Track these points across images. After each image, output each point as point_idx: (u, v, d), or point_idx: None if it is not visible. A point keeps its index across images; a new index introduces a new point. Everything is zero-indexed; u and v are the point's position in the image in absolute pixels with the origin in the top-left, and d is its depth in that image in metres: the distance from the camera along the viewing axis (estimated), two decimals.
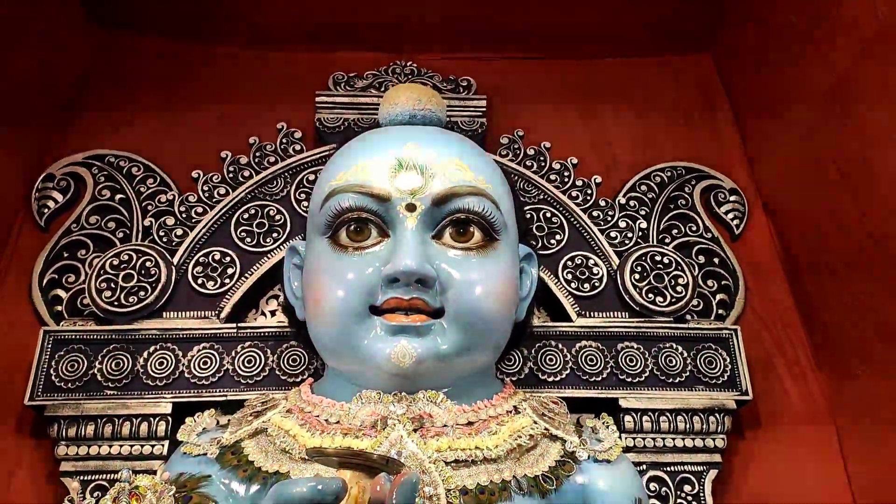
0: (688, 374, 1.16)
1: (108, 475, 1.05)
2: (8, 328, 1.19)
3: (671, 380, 1.15)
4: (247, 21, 1.50)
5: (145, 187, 1.28)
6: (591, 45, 1.55)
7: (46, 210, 1.27)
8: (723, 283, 1.29)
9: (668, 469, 1.11)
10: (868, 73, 1.09)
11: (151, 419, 1.08)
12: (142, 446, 1.07)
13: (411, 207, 0.87)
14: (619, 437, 0.91)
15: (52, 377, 1.09)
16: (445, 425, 0.84)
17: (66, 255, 1.23)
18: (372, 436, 0.81)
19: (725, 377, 1.16)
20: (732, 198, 1.38)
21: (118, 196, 1.27)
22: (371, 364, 0.84)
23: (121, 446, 1.07)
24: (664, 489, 1.10)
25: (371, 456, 0.66)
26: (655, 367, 1.16)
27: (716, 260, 1.31)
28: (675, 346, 1.18)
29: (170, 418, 1.08)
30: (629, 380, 1.15)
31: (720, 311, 1.27)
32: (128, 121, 1.40)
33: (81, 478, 1.06)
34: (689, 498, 1.10)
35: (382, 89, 1.38)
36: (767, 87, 1.39)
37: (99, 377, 1.10)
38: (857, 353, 1.18)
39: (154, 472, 0.99)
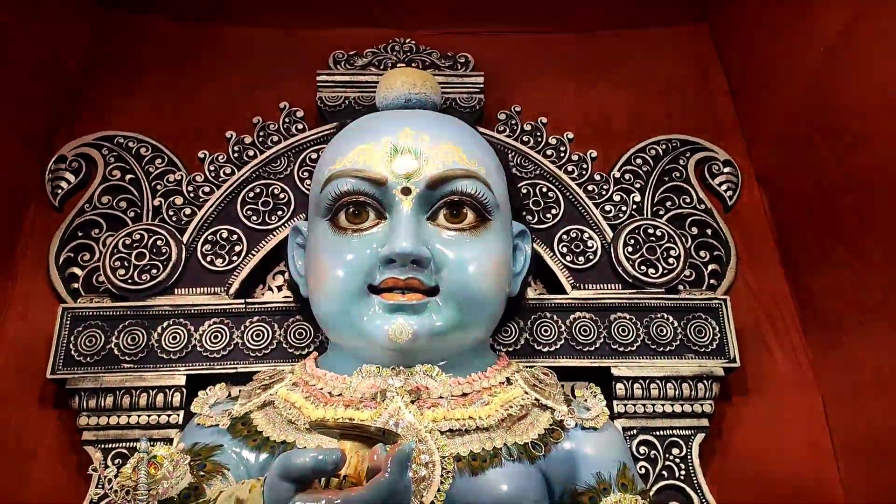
0: (678, 342, 1.20)
1: (128, 443, 1.12)
2: (27, 306, 1.25)
3: (662, 349, 1.20)
4: (248, 0, 1.52)
5: (154, 167, 1.32)
6: (587, 18, 1.56)
7: (60, 191, 1.32)
8: (715, 253, 1.32)
9: (658, 433, 1.17)
10: (858, 45, 1.11)
11: (167, 391, 1.14)
12: (158, 416, 1.13)
13: (406, 191, 0.91)
14: (609, 407, 0.96)
15: (72, 352, 1.15)
16: (441, 397, 0.89)
17: (80, 234, 1.28)
18: (372, 407, 0.87)
19: (714, 345, 1.21)
20: (726, 169, 1.40)
21: (128, 176, 1.31)
22: (370, 340, 0.89)
23: (139, 416, 1.13)
24: (653, 452, 1.16)
25: (369, 428, 0.71)
26: (647, 336, 1.21)
27: (709, 231, 1.34)
28: (666, 316, 1.22)
29: (184, 389, 1.14)
30: (621, 349, 1.20)
31: (712, 282, 1.30)
32: (135, 101, 1.43)
33: (102, 446, 1.12)
34: (678, 461, 1.16)
35: (382, 67, 1.40)
36: (762, 58, 1.41)
37: (116, 351, 1.16)
38: (842, 323, 1.22)
39: (171, 441, 1.07)
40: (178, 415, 1.13)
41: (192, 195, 1.29)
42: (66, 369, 1.14)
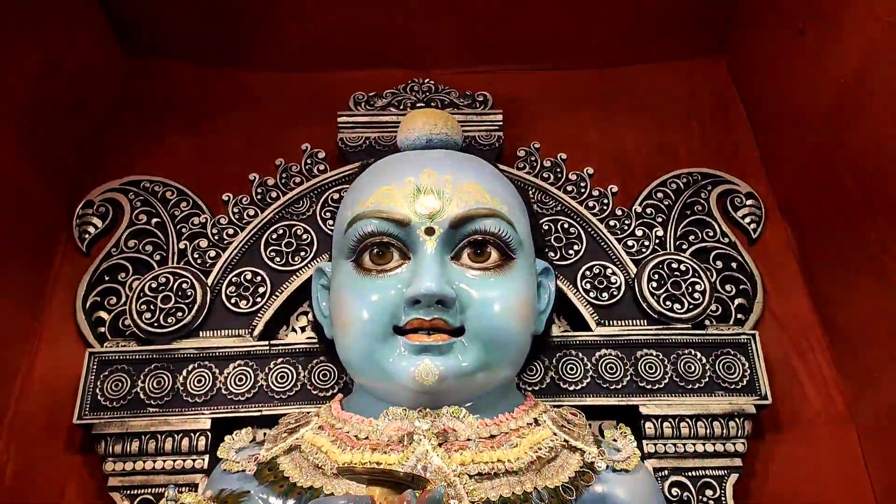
0: (707, 379, 1.18)
1: (153, 489, 1.11)
2: (55, 350, 1.26)
3: (691, 386, 1.18)
4: (269, 45, 1.55)
5: (179, 211, 1.34)
6: (604, 54, 1.57)
7: (87, 235, 1.34)
8: (741, 287, 1.31)
9: (690, 474, 1.14)
10: (879, 77, 1.10)
11: (192, 435, 1.14)
12: (184, 461, 1.13)
13: (430, 231, 0.91)
14: (638, 446, 0.94)
15: (98, 396, 1.16)
16: (469, 439, 0.88)
17: (107, 278, 1.29)
18: (399, 451, 0.86)
19: (745, 382, 1.18)
20: (749, 202, 1.39)
21: (154, 220, 1.33)
22: (396, 382, 0.88)
23: (164, 461, 1.13)
24: (686, 494, 1.13)
25: (398, 473, 0.70)
26: (675, 373, 1.19)
27: (733, 265, 1.32)
28: (693, 352, 1.21)
29: (209, 433, 1.14)
30: (649, 387, 1.18)
31: (739, 316, 1.28)
32: (161, 146, 1.46)
33: (128, 492, 1.12)
34: (711, 502, 1.13)
35: (402, 107, 1.42)
36: (781, 91, 1.41)
37: (142, 395, 1.16)
38: (875, 356, 1.19)
39: (196, 486, 1.07)
40: (204, 459, 1.13)
41: (216, 238, 1.30)
42: (93, 414, 1.15)
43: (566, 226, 1.31)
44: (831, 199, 1.23)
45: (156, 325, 1.20)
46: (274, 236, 1.30)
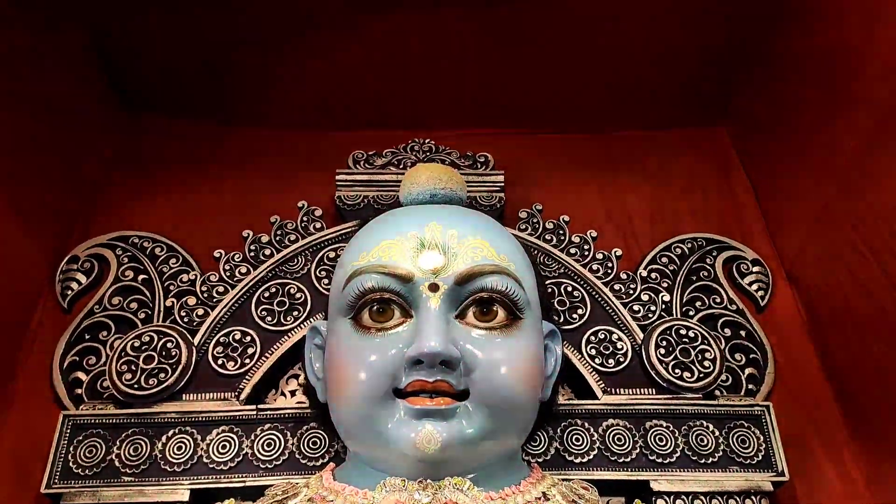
0: (721, 453, 1.12)
1: None
2: (28, 412, 1.18)
3: (703, 460, 1.11)
4: (267, 102, 1.54)
5: (168, 267, 1.29)
6: (605, 119, 1.57)
7: (69, 292, 1.28)
8: (751, 356, 1.26)
9: None
10: (888, 144, 1.09)
11: None
12: None
13: (434, 287, 0.86)
14: None
15: (70, 463, 1.08)
16: None
17: (87, 336, 1.23)
18: None
19: (760, 456, 1.12)
20: (755, 268, 1.36)
21: (141, 276, 1.28)
22: (395, 449, 0.81)
23: None
24: None
25: None
26: (686, 446, 1.12)
27: (742, 333, 1.28)
28: (705, 423, 1.15)
29: None
30: (659, 460, 1.11)
31: (750, 387, 1.23)
32: (152, 201, 1.42)
33: None
34: None
35: (401, 166, 1.40)
36: (783, 158, 1.40)
37: (117, 463, 1.08)
38: (894, 426, 1.13)
39: None
40: None
41: (205, 295, 1.24)
42: (63, 483, 1.06)
43: (570, 289, 1.27)
44: (842, 264, 1.20)
45: (136, 386, 1.13)
46: (266, 294, 1.24)
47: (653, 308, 1.27)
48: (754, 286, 1.35)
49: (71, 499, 1.05)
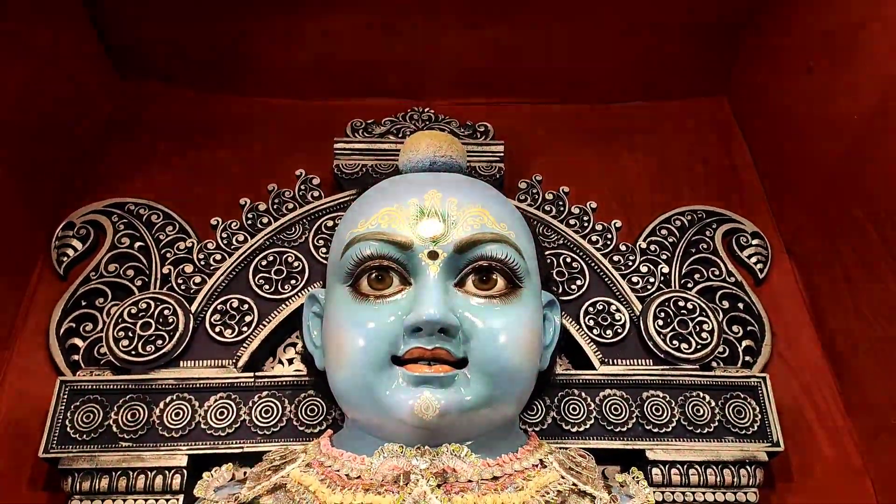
0: (716, 423, 1.12)
1: None
2: (24, 379, 1.18)
3: (699, 430, 1.12)
4: (265, 70, 1.52)
5: (164, 235, 1.28)
6: (606, 90, 1.56)
7: (66, 258, 1.27)
8: (748, 328, 1.26)
9: None
10: (891, 115, 1.08)
11: (166, 472, 1.06)
12: (156, 500, 1.05)
13: (433, 255, 0.86)
14: (650, 493, 0.87)
15: (68, 429, 1.08)
16: (470, 480, 0.81)
17: (84, 303, 1.22)
18: (394, 491, 0.79)
19: (755, 427, 1.12)
20: (755, 241, 1.36)
21: (137, 244, 1.27)
22: (393, 416, 0.81)
23: (135, 500, 1.04)
24: None
25: None
26: (682, 416, 1.13)
27: (740, 305, 1.28)
28: (702, 394, 1.15)
29: (185, 471, 1.06)
30: (655, 430, 1.12)
31: (747, 358, 1.23)
32: (148, 169, 1.41)
33: None
34: None
35: (400, 136, 1.38)
36: (786, 130, 1.39)
37: (114, 428, 1.08)
38: (890, 402, 1.14)
39: None
40: (178, 499, 1.05)
41: (202, 263, 1.24)
42: (61, 448, 1.06)
43: (569, 260, 1.27)
44: (844, 238, 1.20)
45: (133, 353, 1.13)
46: (263, 263, 1.24)
47: (651, 280, 1.26)
48: (753, 259, 1.34)
49: (69, 463, 1.05)
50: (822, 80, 1.24)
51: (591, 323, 1.21)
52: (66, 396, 1.10)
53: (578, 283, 1.24)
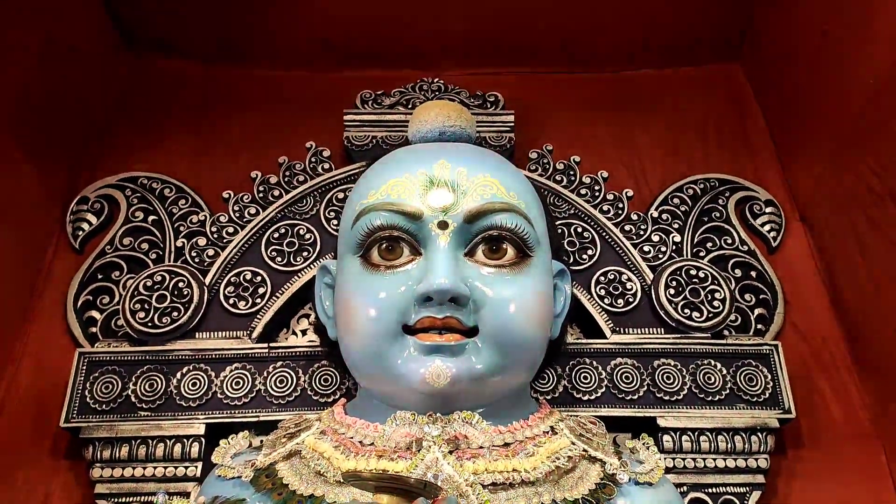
0: (728, 391, 1.13)
1: (143, 498, 1.06)
2: (43, 350, 1.20)
3: (710, 397, 1.12)
4: (275, 42, 1.51)
5: (177, 208, 1.29)
6: (617, 58, 1.54)
7: (81, 232, 1.29)
8: (761, 297, 1.26)
9: (710, 491, 1.08)
10: None
11: (185, 440, 1.08)
12: (175, 468, 1.07)
13: (443, 225, 0.86)
14: (660, 459, 0.88)
15: (87, 399, 1.10)
16: (481, 447, 0.82)
17: (100, 276, 1.24)
18: (407, 458, 0.80)
19: (767, 394, 1.13)
20: (768, 209, 1.35)
21: (151, 217, 1.28)
22: (405, 384, 0.82)
23: (154, 468, 1.07)
24: None
25: (408, 480, 0.65)
26: (693, 384, 1.13)
27: (753, 273, 1.27)
28: (713, 362, 1.15)
29: (203, 439, 1.08)
30: (667, 398, 1.12)
31: (759, 327, 1.23)
32: (160, 143, 1.41)
33: (116, 500, 1.06)
34: None
35: (410, 107, 1.38)
36: (800, 96, 1.37)
37: (133, 398, 1.10)
38: None
39: (188, 494, 1.00)
40: (197, 467, 1.07)
41: (215, 236, 1.25)
42: (81, 417, 1.09)
43: (580, 230, 1.26)
44: (857, 204, 1.18)
45: (150, 325, 1.14)
46: (276, 235, 1.24)
47: (663, 249, 1.26)
48: (766, 227, 1.33)
49: (90, 432, 1.08)
50: (837, 44, 1.22)
51: (603, 292, 1.21)
52: (84, 368, 1.12)
53: (590, 252, 1.24)
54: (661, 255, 1.25)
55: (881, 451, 1.17)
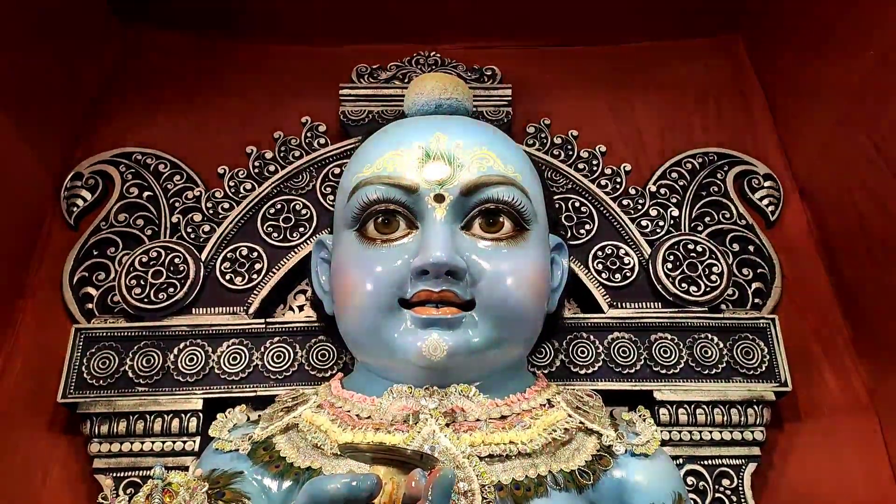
0: (724, 365, 1.13)
1: (141, 472, 1.06)
2: (40, 327, 1.20)
3: (707, 371, 1.13)
4: (269, 15, 1.49)
5: (172, 184, 1.28)
6: (617, 30, 1.52)
7: (75, 209, 1.28)
8: (758, 271, 1.25)
9: (706, 463, 1.09)
10: None
11: (182, 415, 1.08)
12: (173, 442, 1.07)
13: (440, 198, 0.85)
14: (657, 431, 0.88)
15: (84, 375, 1.10)
16: (478, 419, 0.82)
17: (95, 253, 1.23)
18: (404, 431, 0.80)
19: (763, 368, 1.13)
20: (767, 183, 1.34)
21: (146, 193, 1.27)
22: (401, 358, 0.82)
23: (153, 443, 1.07)
24: (702, 483, 1.08)
25: (405, 451, 0.65)
26: (690, 358, 1.13)
27: (751, 248, 1.27)
28: (710, 336, 1.15)
29: (200, 414, 1.08)
30: (664, 371, 1.12)
31: (756, 301, 1.23)
32: (154, 118, 1.40)
33: (114, 475, 1.06)
34: (728, 492, 1.08)
35: (406, 80, 1.36)
36: (800, 68, 1.35)
37: (130, 374, 1.10)
38: None
39: (186, 469, 1.01)
40: (195, 441, 1.07)
41: (210, 212, 1.24)
42: (78, 393, 1.09)
43: (577, 204, 1.26)
44: (857, 178, 1.18)
45: (146, 300, 1.14)
46: (272, 211, 1.24)
47: (661, 223, 1.25)
48: (765, 201, 1.33)
49: (87, 408, 1.08)
50: (836, 16, 1.20)
51: (600, 267, 1.21)
52: (81, 343, 1.12)
53: (587, 227, 1.24)
54: (658, 230, 1.25)
55: (877, 424, 1.17)
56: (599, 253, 1.22)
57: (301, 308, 1.22)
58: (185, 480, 0.73)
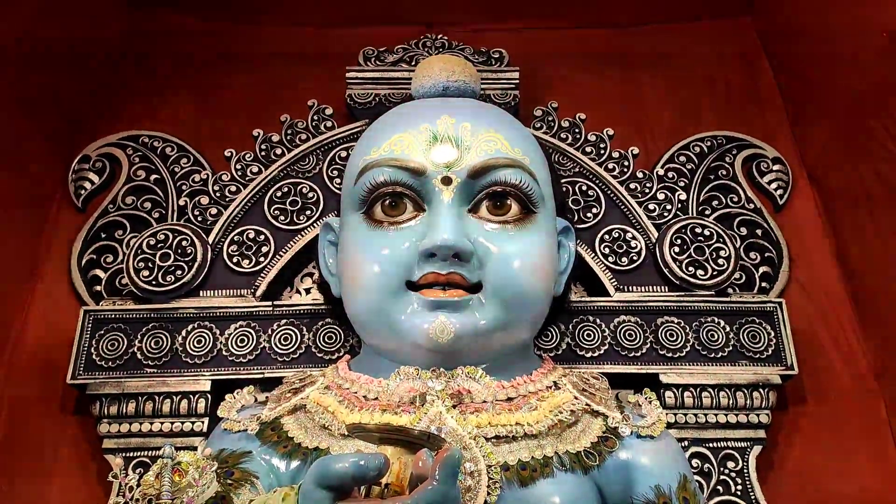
0: (730, 348, 1.13)
1: (150, 452, 1.07)
2: (49, 309, 1.21)
3: (713, 354, 1.13)
4: None
5: (179, 167, 1.28)
6: (625, 13, 1.51)
7: (83, 191, 1.28)
8: (766, 255, 1.25)
9: (711, 445, 1.09)
10: None
11: (191, 396, 1.09)
12: (182, 423, 1.08)
13: (447, 181, 0.85)
14: (662, 413, 0.88)
15: (93, 356, 1.11)
16: (485, 401, 0.83)
17: (103, 235, 1.24)
18: (411, 412, 0.81)
19: (770, 351, 1.13)
20: (776, 167, 1.33)
21: (153, 176, 1.27)
22: (409, 340, 0.83)
23: (161, 423, 1.08)
24: (707, 466, 1.08)
25: (412, 432, 0.65)
26: (696, 341, 1.13)
27: (758, 231, 1.27)
28: (717, 320, 1.15)
29: (209, 395, 1.09)
30: (669, 355, 1.13)
31: (763, 284, 1.23)
32: (161, 101, 1.40)
33: (124, 454, 1.07)
34: (733, 475, 1.08)
35: (413, 63, 1.35)
36: (811, 52, 1.34)
37: (139, 355, 1.11)
38: None
39: (195, 449, 1.01)
40: (203, 422, 1.08)
41: (218, 195, 1.24)
42: (87, 374, 1.10)
43: (584, 188, 1.25)
44: (867, 162, 1.17)
45: (154, 283, 1.14)
46: (278, 194, 1.24)
47: (668, 207, 1.25)
48: (773, 185, 1.32)
49: (96, 389, 1.09)
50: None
51: (607, 251, 1.20)
52: (90, 325, 1.13)
53: (594, 210, 1.24)
54: (666, 214, 1.24)
55: (882, 407, 1.18)
56: (606, 236, 1.22)
57: (308, 291, 1.23)
58: (195, 459, 0.74)
